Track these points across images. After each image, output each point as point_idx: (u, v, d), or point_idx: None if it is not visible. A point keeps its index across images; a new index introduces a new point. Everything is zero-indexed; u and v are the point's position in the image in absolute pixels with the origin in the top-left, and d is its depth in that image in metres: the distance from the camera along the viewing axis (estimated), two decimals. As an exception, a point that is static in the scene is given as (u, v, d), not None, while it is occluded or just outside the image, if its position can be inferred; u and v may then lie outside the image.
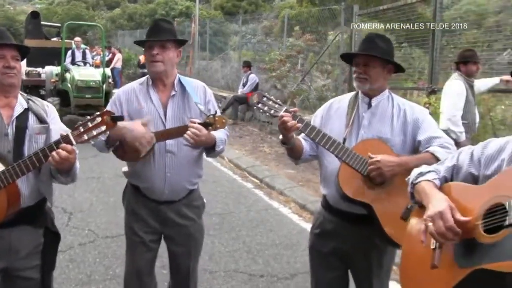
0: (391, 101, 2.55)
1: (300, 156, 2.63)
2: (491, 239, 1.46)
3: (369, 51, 2.46)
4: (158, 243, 2.90)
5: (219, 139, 2.69)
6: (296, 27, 12.74)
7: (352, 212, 2.46)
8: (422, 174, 1.88)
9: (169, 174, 2.68)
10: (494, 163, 1.69)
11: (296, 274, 4.23)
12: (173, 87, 2.74)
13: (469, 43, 8.17)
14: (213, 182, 7.27)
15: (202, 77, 18.88)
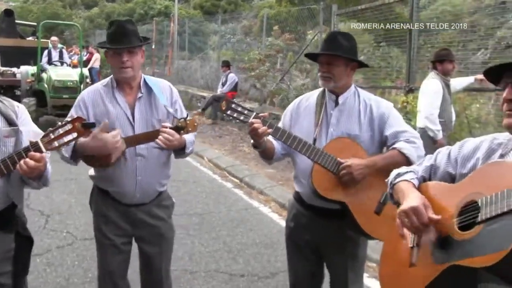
0: (357, 97, 2.59)
1: (272, 156, 2.68)
2: (464, 236, 1.48)
3: (332, 50, 2.50)
4: (129, 245, 2.86)
5: (188, 141, 2.69)
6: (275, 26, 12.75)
7: (325, 207, 2.52)
8: (400, 174, 1.90)
9: (140, 178, 2.65)
10: (470, 161, 1.72)
11: (277, 273, 4.24)
12: (139, 88, 2.69)
13: (445, 42, 8.31)
14: (193, 182, 7.24)
15: (181, 77, 18.81)
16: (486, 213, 1.41)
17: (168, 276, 2.97)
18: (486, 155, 1.66)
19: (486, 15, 8.34)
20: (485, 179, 1.52)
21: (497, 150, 1.64)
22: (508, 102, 1.50)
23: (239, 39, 17.65)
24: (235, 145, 9.90)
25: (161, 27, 22.59)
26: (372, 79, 10.00)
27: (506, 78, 1.54)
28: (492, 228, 1.39)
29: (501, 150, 1.62)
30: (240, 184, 7.31)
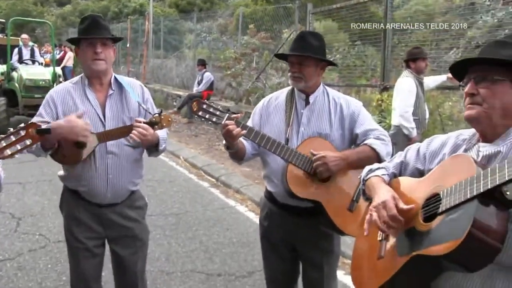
0: (326, 96, 2.63)
1: (243, 156, 2.67)
2: (427, 226, 1.54)
3: (302, 50, 2.52)
4: (103, 247, 2.81)
5: (161, 138, 2.65)
6: (251, 25, 12.73)
7: (299, 206, 2.54)
8: (372, 170, 1.96)
9: (111, 176, 2.60)
10: (437, 157, 1.79)
11: (253, 271, 4.24)
12: (110, 86, 2.66)
13: (418, 41, 8.42)
14: (169, 182, 7.19)
15: (156, 76, 18.66)
16: (446, 204, 1.47)
17: (143, 277, 2.92)
18: (452, 151, 1.73)
19: (457, 15, 8.49)
20: (446, 173, 1.59)
21: (462, 145, 1.71)
22: (469, 96, 1.57)
23: (215, 37, 17.58)
24: (211, 144, 9.86)
25: (136, 25, 22.34)
26: (347, 78, 10.08)
27: (469, 73, 1.61)
28: (450, 218, 1.45)
29: (465, 145, 1.69)
30: (216, 183, 7.28)
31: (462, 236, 1.33)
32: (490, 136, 1.59)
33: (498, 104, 1.53)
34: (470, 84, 1.57)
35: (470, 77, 1.59)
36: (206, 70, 12.76)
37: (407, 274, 1.58)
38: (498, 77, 1.53)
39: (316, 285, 2.71)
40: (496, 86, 1.53)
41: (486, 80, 1.55)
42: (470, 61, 1.61)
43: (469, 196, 1.38)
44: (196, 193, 6.73)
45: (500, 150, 1.54)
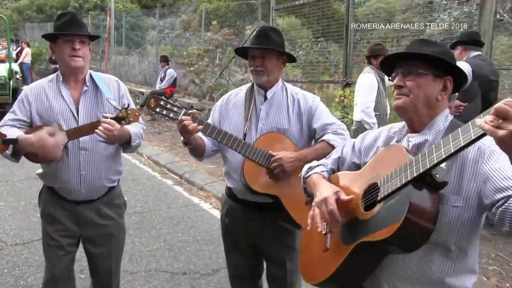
0: (285, 92, 2.66)
1: (203, 153, 2.68)
2: (368, 215, 1.63)
3: (265, 44, 2.54)
4: (76, 246, 2.79)
5: (134, 134, 2.63)
6: (214, 21, 12.65)
7: (258, 201, 2.55)
8: (311, 168, 2.03)
9: (84, 173, 2.60)
10: (371, 150, 1.91)
11: (218, 269, 4.22)
12: (85, 82, 2.65)
13: (380, 38, 8.55)
14: (132, 180, 7.08)
15: (118, 72, 18.29)
16: (384, 191, 1.57)
17: (117, 276, 2.91)
18: (385, 143, 1.85)
19: (417, 13, 8.68)
20: (381, 163, 1.70)
21: (394, 137, 1.83)
22: (397, 88, 1.70)
23: (178, 34, 17.39)
24: (174, 142, 9.75)
25: (97, 21, 21.92)
26: (310, 74, 10.16)
27: (397, 68, 1.74)
28: (389, 204, 1.55)
29: (396, 137, 1.82)
30: (180, 181, 7.22)
31: (400, 220, 1.43)
32: (418, 126, 1.72)
33: (422, 95, 1.67)
34: (398, 77, 1.70)
35: (398, 71, 1.72)
36: (169, 67, 12.62)
37: (354, 261, 1.66)
38: (422, 70, 1.67)
39: (280, 281, 2.72)
40: (421, 79, 1.67)
41: (412, 73, 1.68)
42: (397, 56, 1.75)
43: (404, 181, 1.48)
44: (160, 191, 6.65)
45: (427, 139, 1.68)
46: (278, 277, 2.72)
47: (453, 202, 1.57)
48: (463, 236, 1.61)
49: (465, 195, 1.57)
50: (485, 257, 4.35)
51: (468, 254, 1.66)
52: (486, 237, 4.72)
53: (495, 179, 1.50)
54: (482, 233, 4.72)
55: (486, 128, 1.19)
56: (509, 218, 1.41)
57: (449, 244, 1.60)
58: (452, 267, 1.64)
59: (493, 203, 1.49)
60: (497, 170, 1.51)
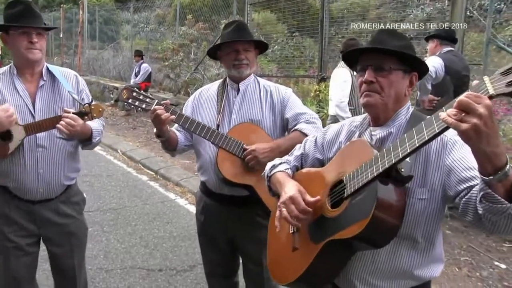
0: (257, 84, 2.67)
1: (176, 147, 2.66)
2: (335, 212, 1.61)
3: (244, 38, 2.55)
4: (37, 246, 2.68)
5: (95, 130, 2.57)
6: (189, 15, 12.55)
7: (234, 195, 2.54)
8: (275, 166, 2.01)
9: (42, 171, 2.49)
10: (334, 146, 1.89)
11: (195, 265, 4.20)
12: (42, 76, 2.54)
13: (355, 33, 8.62)
14: (107, 177, 7.00)
15: (92, 67, 18.05)
16: (350, 188, 1.55)
17: (81, 276, 2.82)
18: (347, 138, 1.84)
19: (390, 9, 8.77)
20: (346, 159, 1.68)
21: (355, 131, 1.82)
22: (368, 83, 1.65)
23: (152, 28, 17.19)
24: (149, 137, 9.66)
25: (70, 15, 21.50)
26: (286, 69, 10.18)
27: (363, 61, 1.68)
28: (356, 201, 1.54)
29: (358, 130, 1.81)
30: (156, 177, 7.16)
31: (368, 216, 1.43)
32: (382, 120, 1.71)
33: (393, 92, 1.65)
34: (369, 72, 1.64)
35: (366, 65, 1.66)
36: (143, 62, 12.49)
37: (324, 259, 1.66)
38: (394, 66, 1.64)
39: (256, 277, 2.72)
40: (392, 76, 1.64)
41: (384, 69, 1.64)
42: (367, 50, 1.69)
43: (370, 177, 1.46)
44: (135, 187, 6.58)
45: (391, 131, 1.68)
46: (254, 273, 2.72)
47: (418, 195, 1.58)
48: (430, 228, 1.63)
49: (430, 187, 1.58)
50: (457, 248, 4.44)
51: (435, 244, 1.68)
52: (458, 229, 4.82)
53: (458, 170, 1.52)
54: (455, 225, 4.83)
55: (449, 122, 1.20)
56: (471, 208, 1.42)
57: (416, 236, 1.62)
58: (421, 258, 1.66)
59: (457, 194, 1.50)
60: (459, 161, 1.53)
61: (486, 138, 1.19)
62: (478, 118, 1.17)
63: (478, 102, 1.17)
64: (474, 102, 1.17)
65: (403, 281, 1.67)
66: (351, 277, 1.71)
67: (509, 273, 4.05)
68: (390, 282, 1.67)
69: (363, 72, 1.68)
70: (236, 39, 2.54)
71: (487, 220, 1.35)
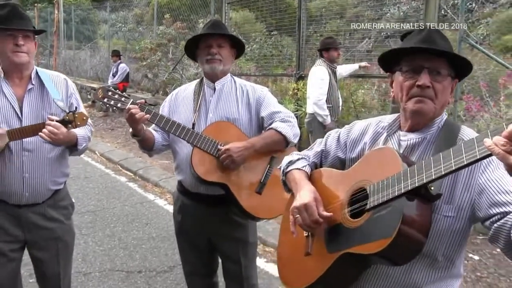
0: (233, 83, 2.68)
1: (152, 147, 2.65)
2: (355, 224, 1.52)
3: (219, 32, 2.55)
4: (20, 252, 2.63)
5: (81, 137, 2.54)
6: (166, 14, 12.47)
7: (210, 194, 2.54)
8: (292, 162, 1.90)
9: (27, 175, 2.46)
10: (358, 146, 1.77)
11: (175, 266, 4.18)
12: (30, 80, 2.51)
13: (333, 31, 8.67)
14: (85, 178, 6.93)
15: (68, 68, 17.80)
16: (374, 200, 1.45)
17: (66, 282, 2.77)
18: (373, 139, 1.73)
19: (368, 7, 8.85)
20: (370, 166, 1.56)
21: (382, 133, 1.71)
22: (420, 87, 1.50)
23: (130, 27, 17.04)
24: (128, 138, 9.58)
25: (45, 14, 21.17)
26: (264, 67, 10.18)
27: (416, 62, 1.53)
28: (378, 216, 1.44)
29: (386, 132, 1.69)
30: (134, 178, 7.12)
31: (392, 235, 1.34)
32: (421, 126, 1.59)
33: (443, 100, 1.54)
34: (426, 76, 1.50)
35: (421, 67, 1.51)
36: (121, 62, 12.37)
37: (337, 270, 1.58)
38: (448, 71, 1.52)
39: (235, 276, 2.72)
40: (446, 82, 1.53)
41: (440, 73, 1.51)
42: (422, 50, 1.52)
43: (397, 193, 1.37)
44: (114, 189, 6.53)
45: (425, 137, 1.57)
46: (233, 272, 2.72)
47: (444, 212, 1.47)
48: (452, 247, 1.52)
49: (457, 205, 1.47)
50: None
51: (455, 263, 1.57)
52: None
53: (492, 192, 1.41)
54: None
55: (496, 152, 1.10)
56: (504, 236, 1.33)
57: (437, 254, 1.51)
58: (437, 275, 1.55)
59: (488, 217, 1.40)
60: (494, 182, 1.42)
61: None
62: None
63: None
64: None
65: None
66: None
67: (481, 264, 4.15)
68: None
69: (413, 74, 1.53)
70: (208, 32, 2.55)
71: None
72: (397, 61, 1.60)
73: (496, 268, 4.05)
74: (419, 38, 1.54)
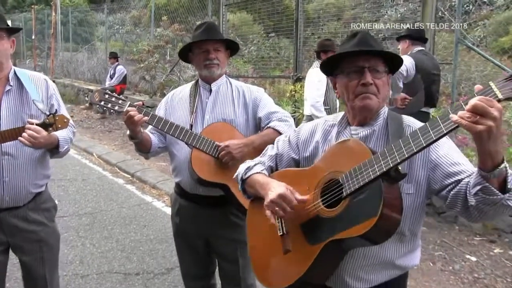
0: (229, 85, 2.68)
1: (149, 149, 2.64)
2: (334, 212, 1.60)
3: (215, 37, 2.56)
4: (5, 254, 2.60)
5: (62, 139, 2.48)
6: (164, 16, 12.48)
7: (209, 195, 2.55)
8: (250, 168, 1.96)
9: (8, 179, 2.41)
10: (310, 145, 1.89)
11: (173, 268, 4.18)
12: (8, 81, 2.45)
13: (330, 33, 8.69)
14: (82, 181, 6.91)
15: (66, 70, 17.79)
16: (350, 187, 1.55)
17: (54, 284, 2.74)
18: (323, 137, 1.85)
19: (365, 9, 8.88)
20: (338, 158, 1.67)
21: (331, 130, 1.85)
22: (364, 85, 1.66)
23: (128, 30, 17.04)
24: (125, 140, 9.56)
25: (42, 16, 21.14)
26: (262, 69, 10.20)
27: (356, 63, 1.68)
28: (358, 199, 1.54)
29: (334, 129, 1.83)
30: (132, 180, 7.11)
31: (377, 213, 1.44)
32: (368, 120, 1.75)
33: (385, 94, 1.72)
34: (368, 75, 1.66)
35: (362, 67, 1.67)
36: (118, 64, 12.37)
37: (323, 260, 1.65)
38: (385, 68, 1.70)
39: (233, 277, 2.72)
40: (384, 78, 1.70)
41: (378, 71, 1.68)
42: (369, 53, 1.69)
43: (373, 176, 1.48)
44: (111, 191, 6.52)
45: (374, 129, 1.73)
46: (231, 273, 2.72)
47: (406, 190, 1.63)
48: (415, 221, 1.70)
49: (416, 182, 1.64)
50: (432, 244, 4.53)
51: (417, 235, 1.76)
52: (432, 224, 4.91)
53: (444, 165, 1.59)
54: (429, 220, 4.91)
55: (463, 124, 1.25)
56: (461, 199, 1.50)
57: (404, 230, 1.67)
58: (405, 249, 1.73)
59: (443, 187, 1.58)
60: (444, 157, 1.61)
61: (494, 139, 1.28)
62: (492, 120, 1.24)
63: (491, 105, 1.24)
64: (487, 106, 1.24)
65: (390, 272, 1.74)
66: (342, 274, 1.73)
67: (478, 265, 4.16)
68: (379, 274, 1.73)
69: (355, 74, 1.68)
70: (206, 38, 2.54)
71: (476, 210, 1.44)
72: (337, 65, 1.76)
73: (493, 269, 4.06)
74: (354, 42, 1.70)
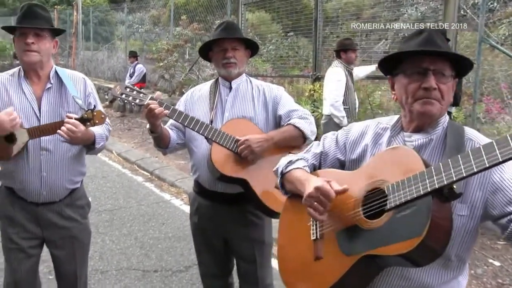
0: (249, 83, 2.68)
1: (168, 145, 2.65)
2: (374, 225, 1.46)
3: (234, 36, 2.56)
4: (39, 248, 2.67)
5: (99, 136, 2.55)
6: (183, 16, 12.54)
7: (227, 192, 2.55)
8: (291, 162, 1.85)
9: (45, 174, 2.49)
10: (358, 147, 1.75)
11: (190, 266, 4.20)
12: (49, 79, 2.53)
13: (349, 33, 8.62)
14: (102, 178, 6.99)
15: (87, 68, 17.99)
16: (395, 200, 1.40)
17: (82, 280, 2.80)
18: (374, 140, 1.71)
19: (385, 8, 8.79)
20: (386, 166, 1.51)
21: (383, 134, 1.70)
22: (426, 90, 1.50)
23: (147, 29, 17.17)
24: (144, 138, 9.65)
25: (64, 15, 21.44)
26: (280, 69, 10.18)
27: (420, 63, 1.52)
28: (402, 215, 1.39)
29: (387, 134, 1.68)
30: (151, 177, 7.16)
31: (422, 234, 1.30)
32: (425, 127, 1.58)
33: (449, 100, 1.55)
34: (432, 78, 1.50)
35: (426, 69, 1.51)
36: (138, 62, 12.48)
37: (356, 273, 1.52)
38: (451, 73, 1.53)
39: (250, 276, 2.72)
40: (450, 83, 1.53)
41: (444, 75, 1.52)
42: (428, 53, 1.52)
43: (422, 192, 1.33)
44: (130, 188, 6.58)
45: (432, 139, 1.56)
46: (248, 272, 2.72)
47: (458, 211, 1.46)
48: (465, 246, 1.52)
49: (470, 203, 1.47)
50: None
51: (465, 262, 1.59)
52: (453, 227, 4.82)
53: (508, 191, 1.41)
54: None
55: None
56: None
57: (451, 254, 1.51)
58: (450, 275, 1.56)
59: (503, 215, 1.40)
60: (509, 181, 1.43)
61: None
62: None
63: None
64: None
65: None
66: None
67: (502, 270, 4.07)
68: None
69: (417, 75, 1.52)
70: (223, 37, 2.55)
71: None
72: (398, 64, 1.60)
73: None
74: (419, 40, 1.54)
